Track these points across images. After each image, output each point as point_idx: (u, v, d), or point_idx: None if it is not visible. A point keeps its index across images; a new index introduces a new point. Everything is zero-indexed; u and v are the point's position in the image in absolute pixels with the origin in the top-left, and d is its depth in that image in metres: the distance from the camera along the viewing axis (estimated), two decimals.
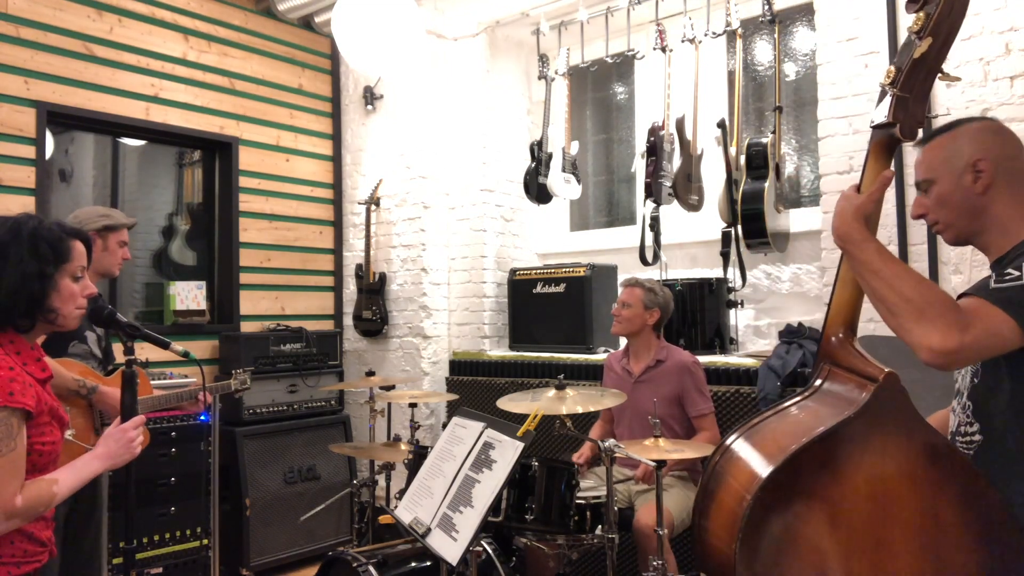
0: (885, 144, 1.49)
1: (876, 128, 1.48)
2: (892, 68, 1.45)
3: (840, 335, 1.51)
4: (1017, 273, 1.37)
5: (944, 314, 1.30)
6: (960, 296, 1.43)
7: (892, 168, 1.51)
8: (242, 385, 3.28)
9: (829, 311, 1.54)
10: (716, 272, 3.89)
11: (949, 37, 1.42)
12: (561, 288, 4.25)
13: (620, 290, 3.37)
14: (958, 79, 1.48)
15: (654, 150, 3.86)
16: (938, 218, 1.57)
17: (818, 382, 1.53)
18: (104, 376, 2.75)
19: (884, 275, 1.38)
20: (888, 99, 1.43)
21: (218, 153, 4.71)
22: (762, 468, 1.36)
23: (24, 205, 3.72)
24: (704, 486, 1.52)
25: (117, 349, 3.05)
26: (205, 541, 3.79)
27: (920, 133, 1.46)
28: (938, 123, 3.11)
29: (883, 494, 1.34)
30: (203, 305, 4.44)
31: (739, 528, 1.33)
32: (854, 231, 1.45)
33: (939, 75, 1.45)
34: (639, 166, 4.16)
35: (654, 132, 3.88)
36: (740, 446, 1.49)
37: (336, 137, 5.21)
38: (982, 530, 1.36)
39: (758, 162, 3.66)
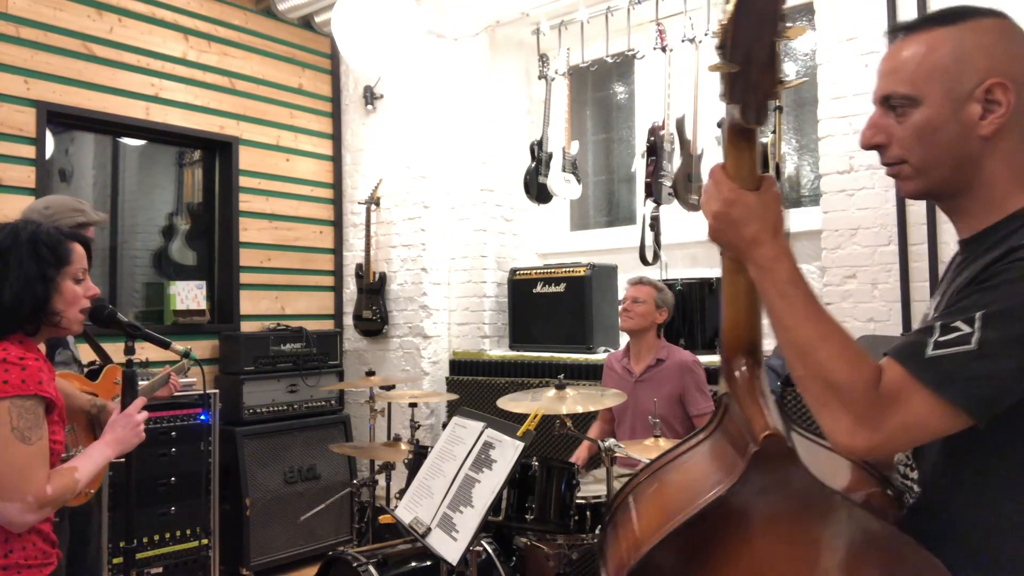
0: (740, 129, 1.04)
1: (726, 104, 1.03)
2: (719, 28, 0.97)
3: (742, 368, 1.13)
4: (967, 329, 0.95)
5: (853, 404, 0.97)
6: (887, 353, 1.02)
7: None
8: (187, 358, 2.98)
9: (723, 336, 1.16)
10: (716, 272, 3.88)
11: None
12: (561, 288, 4.25)
13: (626, 287, 3.37)
14: (802, 31, 1.02)
15: (654, 150, 3.86)
16: (908, 156, 1.08)
17: (712, 426, 1.20)
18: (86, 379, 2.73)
19: (791, 326, 1.02)
20: (721, 74, 1.00)
21: (218, 153, 4.71)
22: (628, 557, 1.09)
23: (24, 205, 3.71)
24: (604, 530, 1.25)
25: (109, 349, 3.04)
26: (205, 541, 3.79)
27: (769, 114, 1.04)
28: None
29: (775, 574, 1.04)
30: (203, 305, 4.44)
31: None
32: (765, 244, 1.03)
33: (783, 32, 0.97)
34: (639, 166, 4.16)
35: (654, 132, 3.88)
36: (635, 501, 1.21)
37: (336, 137, 5.21)
38: None
39: None
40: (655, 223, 3.90)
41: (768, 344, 1.24)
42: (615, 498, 1.24)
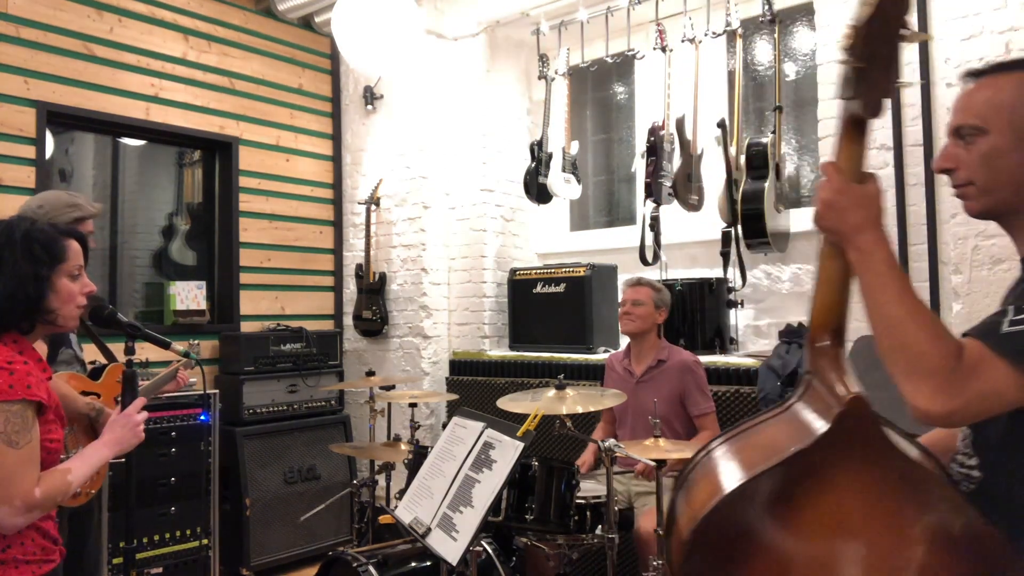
0: (857, 121, 1.20)
1: (845, 100, 1.19)
2: (849, 29, 1.13)
3: (825, 343, 1.25)
4: None
5: (936, 372, 1.08)
6: (965, 334, 1.15)
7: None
8: (193, 353, 2.98)
9: (812, 315, 1.28)
10: (716, 272, 3.89)
11: None
12: (561, 288, 4.25)
13: (624, 289, 3.37)
14: (925, 37, 1.18)
15: (654, 150, 3.86)
16: (974, 179, 1.24)
17: (794, 398, 1.30)
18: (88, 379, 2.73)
19: (884, 302, 1.14)
20: (847, 70, 1.16)
21: (218, 153, 4.71)
22: (707, 501, 1.19)
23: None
24: (676, 493, 1.34)
25: (97, 350, 3.04)
26: (205, 541, 3.79)
27: (884, 108, 1.15)
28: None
29: (847, 532, 1.14)
30: (203, 305, 4.44)
31: (678, 564, 1.20)
32: (868, 231, 1.17)
33: (905, 36, 1.13)
34: (639, 166, 4.17)
35: (654, 132, 3.88)
36: (704, 467, 1.32)
37: (336, 137, 5.21)
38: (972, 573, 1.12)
39: (758, 162, 3.66)
40: (655, 223, 3.90)
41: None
42: (689, 463, 1.34)
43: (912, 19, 1.10)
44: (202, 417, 3.82)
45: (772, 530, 1.16)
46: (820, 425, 1.15)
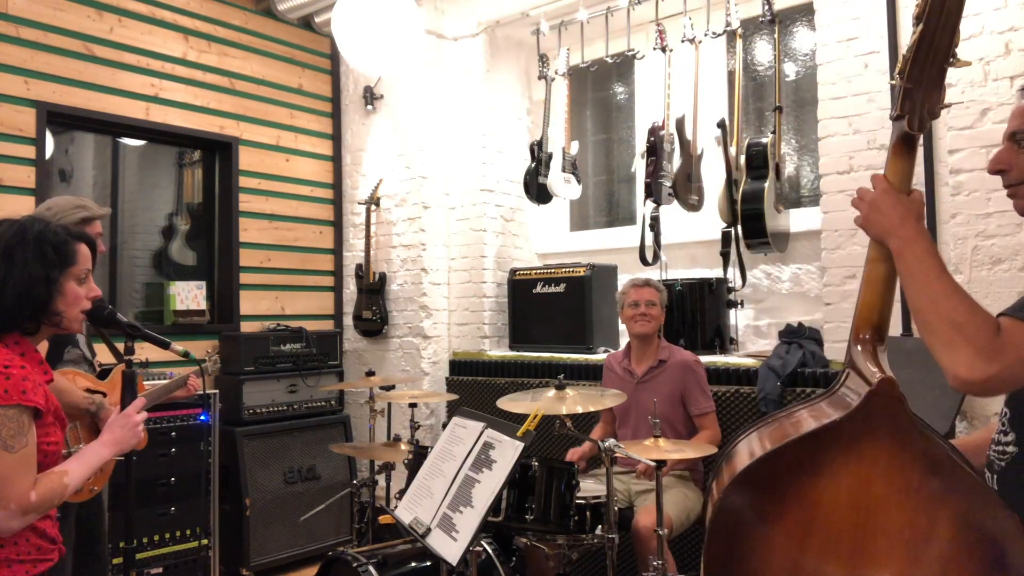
0: (904, 137, 1.32)
1: (893, 120, 1.33)
2: (902, 56, 1.28)
3: (866, 337, 1.36)
4: None
5: (974, 339, 1.17)
6: (1000, 314, 1.24)
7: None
8: (214, 364, 3.24)
9: (856, 312, 1.39)
10: (716, 272, 3.89)
11: (948, 19, 1.22)
12: (561, 288, 4.25)
13: (628, 291, 3.36)
14: (967, 63, 1.30)
15: (654, 150, 3.86)
16: None
17: (835, 387, 1.38)
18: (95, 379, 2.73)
19: (926, 283, 1.25)
20: (897, 90, 1.29)
21: (218, 153, 4.71)
22: (740, 465, 1.31)
23: (24, 205, 3.72)
24: (719, 464, 1.45)
25: (103, 349, 3.04)
26: (205, 541, 3.79)
27: (930, 125, 1.26)
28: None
29: (867, 503, 1.22)
30: (203, 305, 4.44)
31: (709, 521, 1.30)
32: (910, 226, 1.30)
33: (951, 62, 1.26)
34: (639, 166, 4.16)
35: (654, 132, 3.88)
36: (747, 440, 1.42)
37: (336, 137, 5.21)
38: (987, 556, 1.18)
39: (758, 162, 3.66)
40: (655, 223, 3.90)
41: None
42: (733, 440, 1.44)
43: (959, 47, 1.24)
44: (202, 417, 3.82)
45: (799, 499, 1.24)
46: (852, 402, 1.24)
